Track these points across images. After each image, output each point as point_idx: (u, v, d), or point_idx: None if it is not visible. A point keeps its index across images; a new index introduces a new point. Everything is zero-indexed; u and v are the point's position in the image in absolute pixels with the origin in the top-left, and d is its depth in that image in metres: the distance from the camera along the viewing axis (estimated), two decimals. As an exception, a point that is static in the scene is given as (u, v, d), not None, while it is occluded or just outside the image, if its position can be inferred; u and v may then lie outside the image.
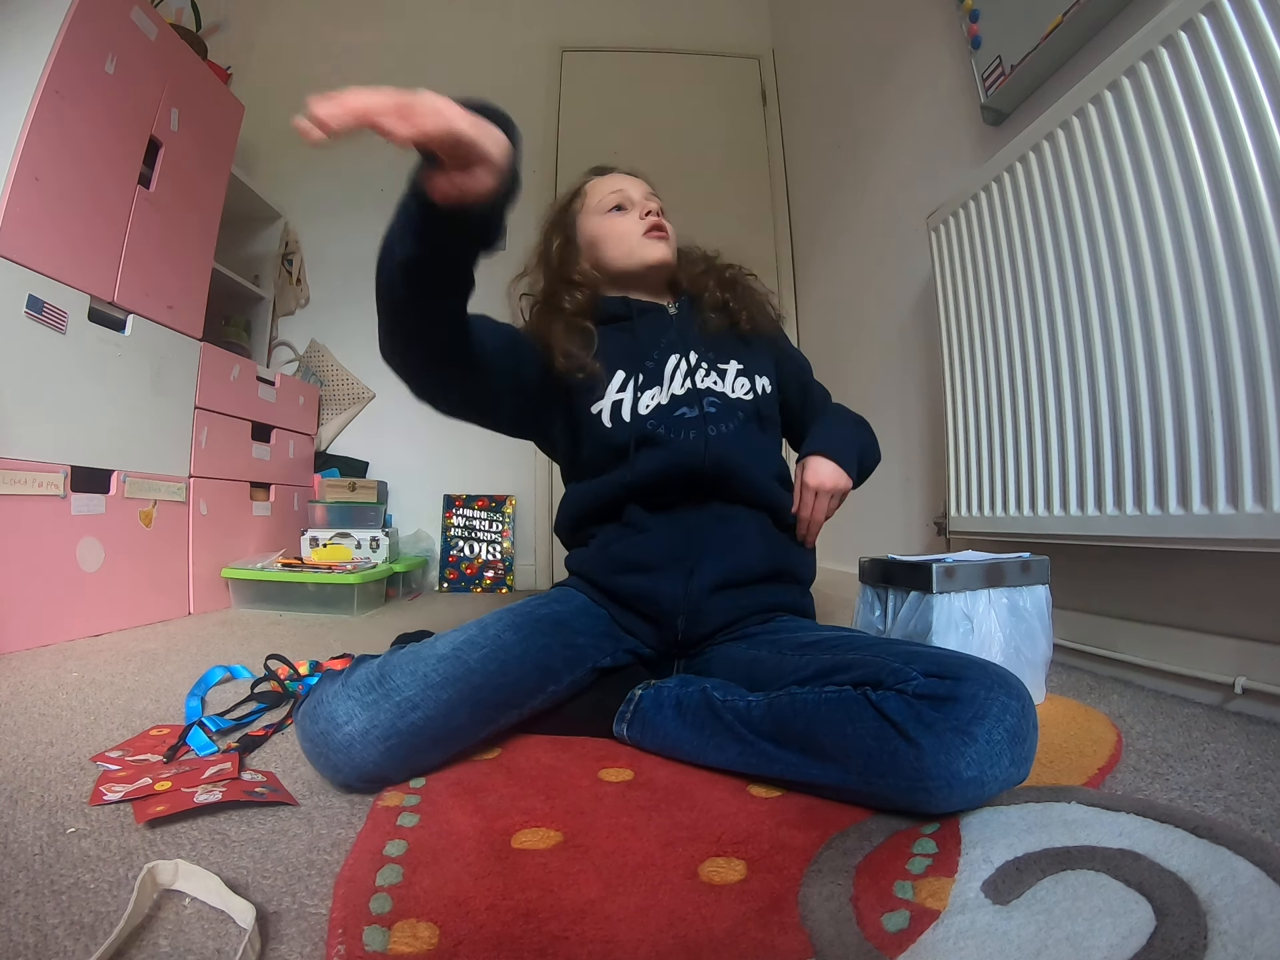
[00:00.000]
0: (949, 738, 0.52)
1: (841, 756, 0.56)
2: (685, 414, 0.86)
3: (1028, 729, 0.54)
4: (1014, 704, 0.53)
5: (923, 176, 1.62)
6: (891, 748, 0.53)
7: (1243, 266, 0.77)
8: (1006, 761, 0.52)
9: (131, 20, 1.49)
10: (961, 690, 0.54)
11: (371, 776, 0.61)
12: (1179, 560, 0.92)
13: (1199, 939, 0.37)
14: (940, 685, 0.55)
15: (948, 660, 0.58)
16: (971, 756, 0.51)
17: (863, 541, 1.83)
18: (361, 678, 0.66)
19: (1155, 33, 0.86)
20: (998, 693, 0.53)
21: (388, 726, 0.62)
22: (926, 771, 0.51)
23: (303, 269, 2.51)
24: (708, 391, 0.87)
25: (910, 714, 0.54)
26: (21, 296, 1.25)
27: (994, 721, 0.52)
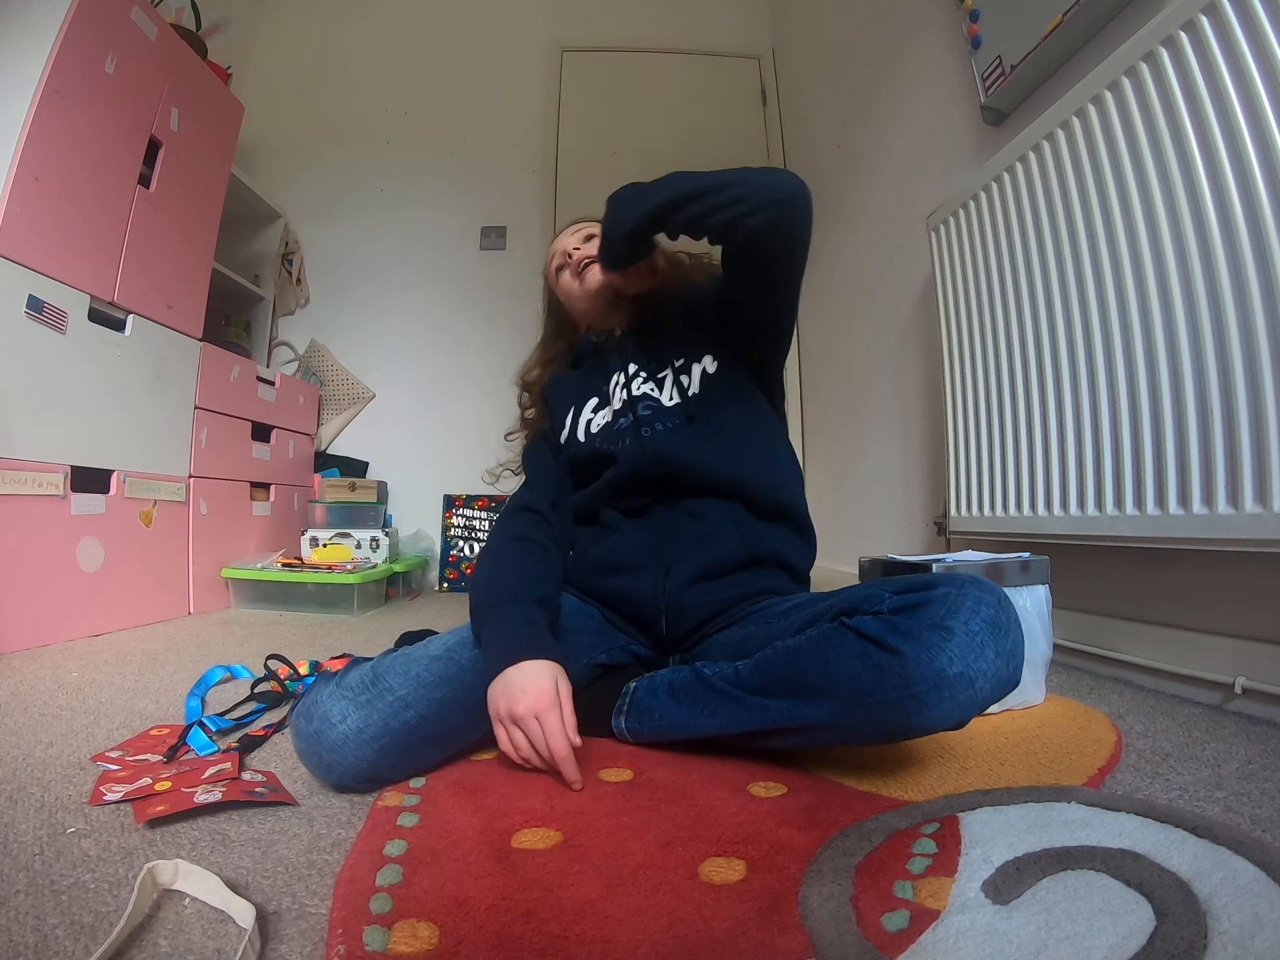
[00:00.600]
0: (927, 636, 0.52)
1: (830, 687, 0.57)
2: (622, 424, 0.90)
3: (1008, 621, 0.54)
4: (988, 596, 0.54)
5: (923, 176, 1.62)
6: (875, 662, 0.54)
7: (1243, 266, 0.77)
8: (991, 654, 0.52)
9: (131, 20, 1.49)
10: (933, 594, 0.55)
11: (366, 776, 0.62)
12: (1179, 560, 0.92)
13: (1199, 939, 0.37)
14: (913, 596, 0.56)
15: (918, 577, 0.60)
16: (954, 651, 0.51)
17: (863, 541, 1.83)
18: (355, 678, 0.66)
19: (1155, 33, 0.86)
20: (969, 589, 0.55)
21: (381, 726, 0.62)
22: (912, 675, 0.52)
23: (303, 269, 2.51)
24: (642, 397, 0.90)
25: (887, 627, 0.55)
26: (21, 296, 1.25)
27: (969, 613, 0.53)
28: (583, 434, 0.93)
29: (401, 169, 2.60)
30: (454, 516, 2.41)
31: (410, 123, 2.63)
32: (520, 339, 2.60)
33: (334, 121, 2.61)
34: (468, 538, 2.40)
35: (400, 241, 2.54)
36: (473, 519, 2.41)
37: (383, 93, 2.64)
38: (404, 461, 2.45)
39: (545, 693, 0.63)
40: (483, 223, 2.59)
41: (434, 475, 2.45)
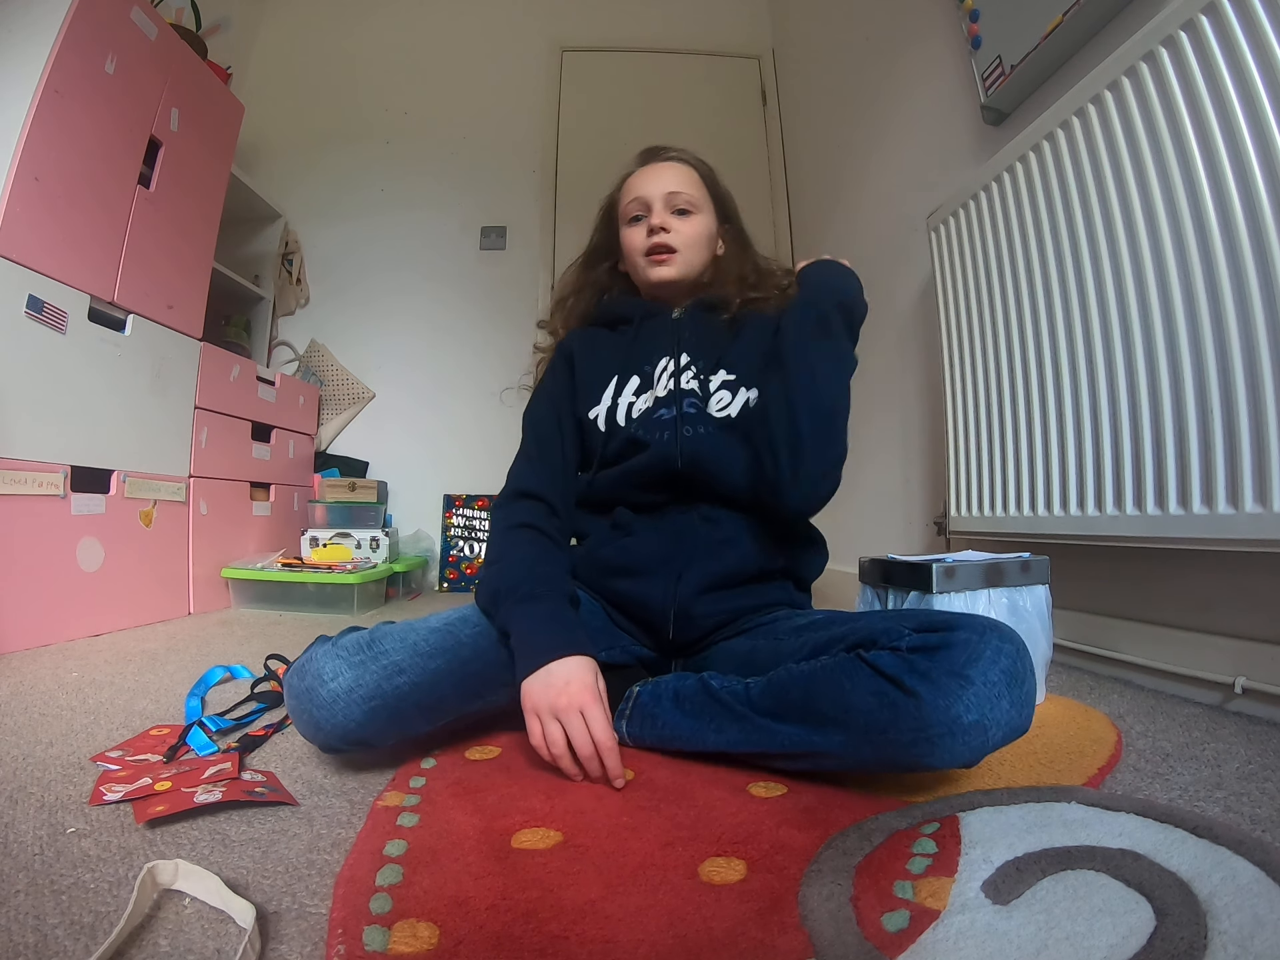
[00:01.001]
0: (945, 682, 0.52)
1: (842, 718, 0.57)
2: (663, 415, 0.84)
3: (1024, 670, 0.54)
4: (1007, 646, 0.54)
5: (923, 176, 1.62)
6: (890, 700, 0.54)
7: (1243, 266, 0.77)
8: (1006, 704, 0.52)
9: (131, 20, 1.48)
10: (954, 637, 0.55)
11: (354, 738, 0.62)
12: (1179, 560, 0.92)
13: (1199, 939, 0.37)
14: (932, 636, 0.55)
15: (938, 615, 0.59)
16: (970, 700, 0.51)
17: (863, 541, 1.83)
18: (351, 640, 0.67)
19: (1155, 33, 0.86)
20: (990, 636, 0.54)
21: (373, 687, 0.63)
22: (927, 719, 0.52)
23: (303, 269, 2.51)
24: (689, 393, 0.85)
25: (905, 666, 0.54)
26: (21, 296, 1.25)
27: (989, 663, 0.52)
28: (623, 417, 0.86)
29: (401, 169, 2.60)
30: (454, 516, 2.41)
31: (410, 123, 2.63)
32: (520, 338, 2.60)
33: (334, 121, 2.61)
34: (468, 538, 2.40)
35: (400, 241, 2.54)
36: (473, 519, 2.41)
37: (383, 93, 2.64)
38: (404, 461, 2.45)
39: (589, 687, 0.63)
40: (483, 223, 2.59)
41: (434, 475, 2.45)
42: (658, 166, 0.91)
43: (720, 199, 0.94)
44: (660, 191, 0.88)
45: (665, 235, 0.87)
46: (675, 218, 0.88)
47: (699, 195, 0.90)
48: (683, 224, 0.88)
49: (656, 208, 0.88)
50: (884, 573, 0.93)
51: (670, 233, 0.87)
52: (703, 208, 0.90)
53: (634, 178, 0.91)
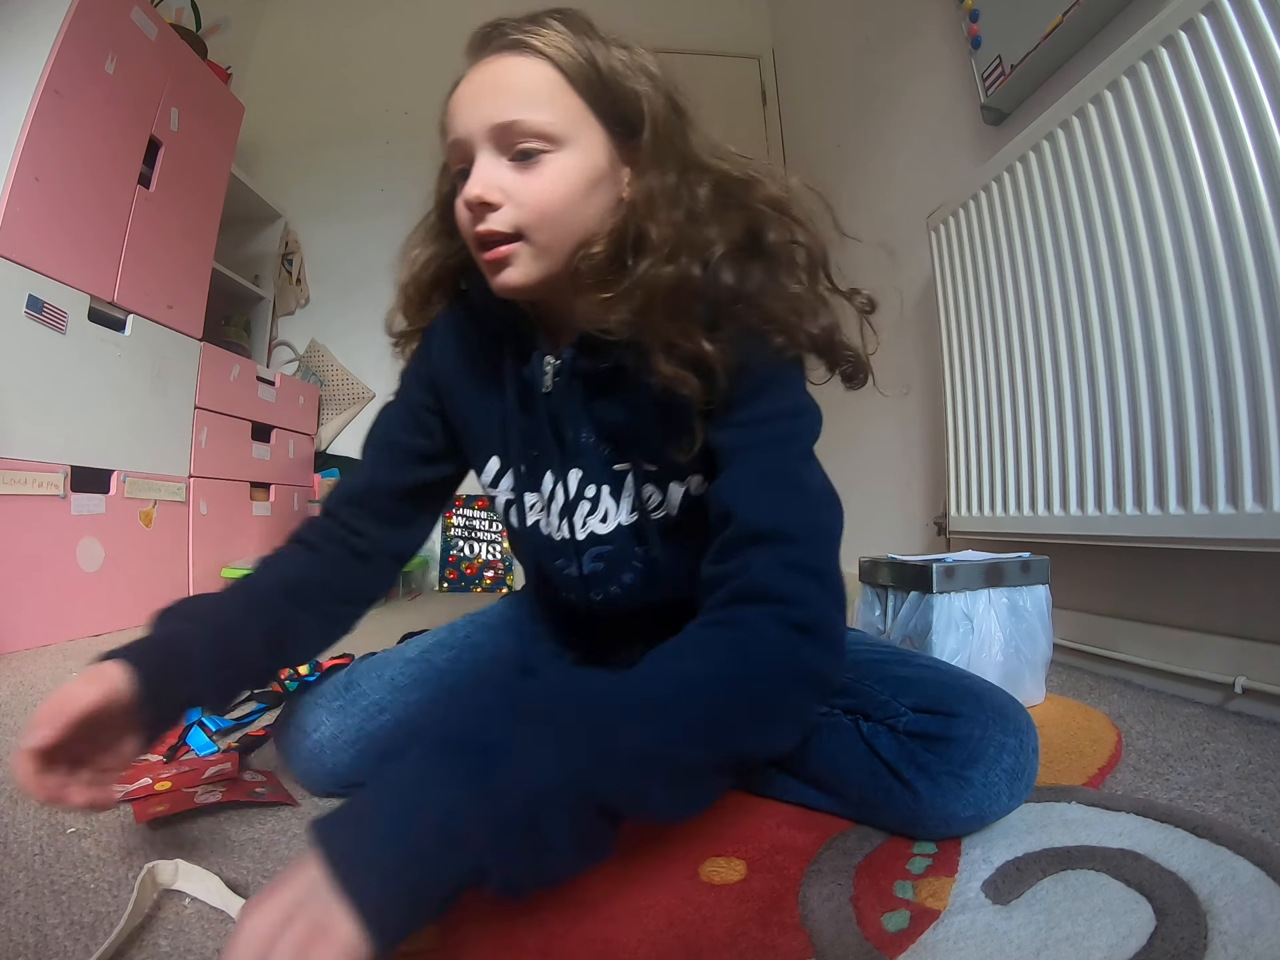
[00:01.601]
0: (944, 781, 0.49)
1: (837, 787, 0.55)
2: (563, 567, 0.64)
3: (1026, 762, 0.50)
4: (1011, 741, 0.50)
5: (923, 176, 1.62)
6: (885, 785, 0.51)
7: (1243, 266, 0.77)
8: (1005, 797, 0.50)
9: (131, 20, 1.48)
10: (955, 730, 0.50)
11: (346, 781, 0.61)
12: (1179, 560, 0.92)
13: (1199, 939, 0.37)
14: (932, 722, 0.51)
15: (938, 690, 0.53)
16: (969, 799, 0.49)
17: (863, 541, 1.83)
18: (329, 686, 0.65)
19: (1155, 33, 0.86)
20: (993, 731, 0.50)
21: (356, 730, 0.61)
22: (923, 811, 0.50)
23: (303, 269, 2.51)
24: (590, 541, 0.62)
25: (903, 754, 0.51)
26: (21, 296, 1.25)
27: (990, 763, 0.49)
28: (517, 519, 0.64)
29: (402, 169, 2.59)
30: (454, 516, 2.41)
31: (410, 123, 2.63)
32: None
33: (334, 121, 2.61)
34: (468, 538, 2.40)
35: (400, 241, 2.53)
36: (473, 519, 2.41)
37: (383, 93, 2.64)
38: (404, 461, 2.45)
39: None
40: (483, 223, 2.59)
41: (434, 475, 2.45)
42: (484, 70, 0.54)
43: (613, 100, 0.54)
44: (482, 125, 0.52)
45: (491, 216, 0.52)
46: (513, 170, 0.52)
47: (558, 115, 0.52)
48: (525, 180, 0.52)
49: (481, 157, 0.52)
50: (884, 573, 0.92)
51: (500, 206, 0.51)
52: (568, 136, 0.52)
53: (453, 98, 0.55)
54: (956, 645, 0.82)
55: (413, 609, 1.90)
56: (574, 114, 0.53)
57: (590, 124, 0.54)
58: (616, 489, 0.61)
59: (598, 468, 0.61)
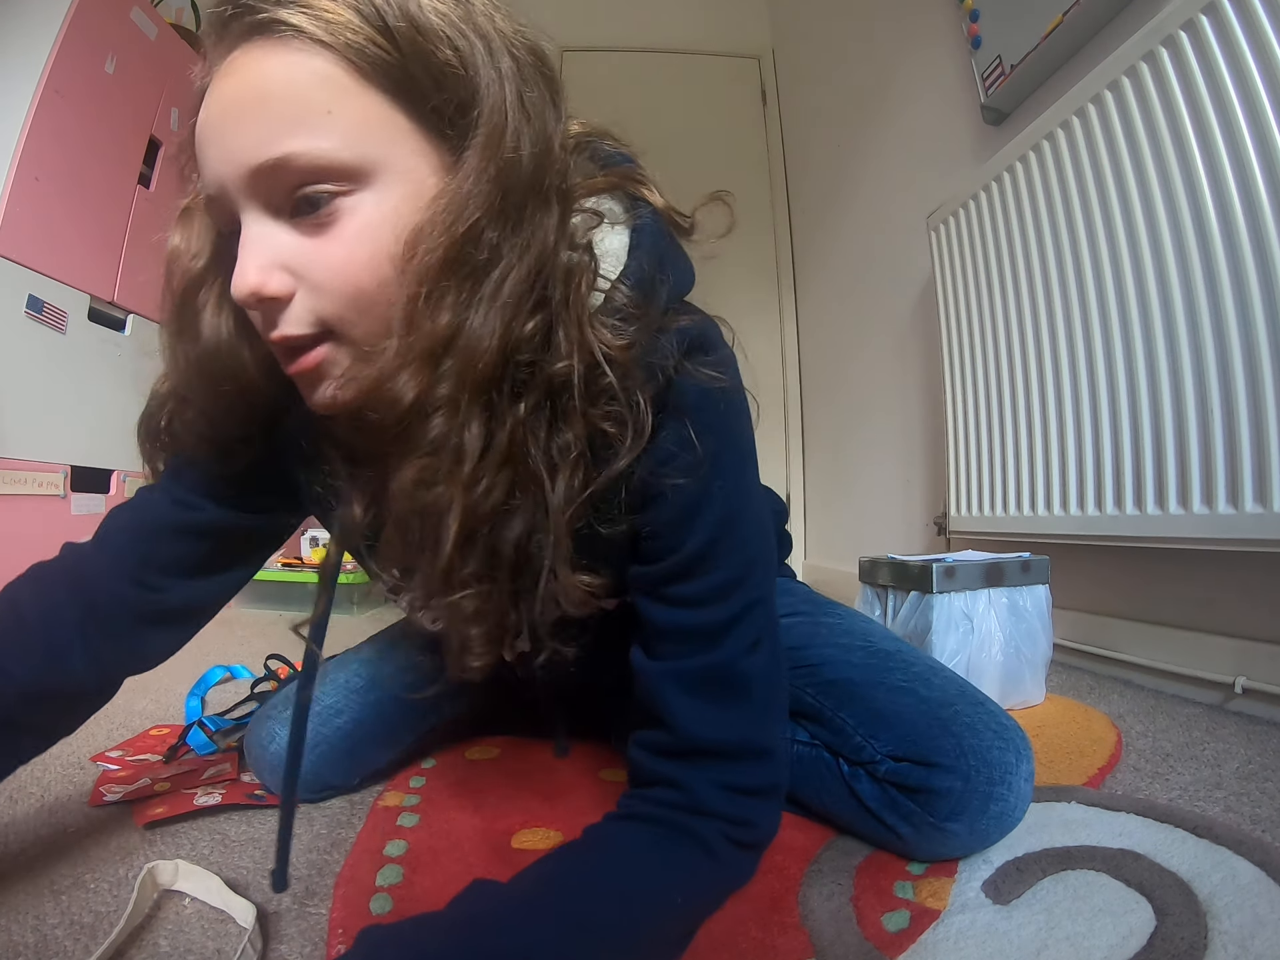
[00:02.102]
0: (928, 831, 0.47)
1: (824, 815, 0.54)
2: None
3: (1016, 803, 0.47)
4: (997, 790, 0.46)
5: (923, 176, 1.62)
6: (870, 826, 0.50)
7: (1243, 266, 0.77)
8: (994, 836, 0.48)
9: (131, 20, 1.49)
10: (935, 782, 0.46)
11: (314, 786, 0.61)
12: (1179, 560, 0.92)
13: (1199, 939, 0.37)
14: (911, 772, 0.47)
15: (915, 735, 0.48)
16: (955, 845, 0.48)
17: (863, 541, 1.83)
18: (281, 696, 0.65)
19: (1155, 33, 0.86)
20: (977, 782, 0.46)
21: (313, 735, 0.58)
22: (910, 851, 0.49)
23: (303, 269, 2.51)
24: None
25: (885, 800, 0.48)
26: (21, 296, 1.25)
27: (976, 814, 0.46)
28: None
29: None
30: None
31: (410, 123, 2.64)
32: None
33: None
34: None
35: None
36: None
37: (383, 93, 2.64)
38: (404, 461, 2.45)
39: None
40: (483, 223, 2.59)
41: (434, 475, 2.45)
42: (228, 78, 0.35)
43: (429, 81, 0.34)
44: (237, 172, 0.34)
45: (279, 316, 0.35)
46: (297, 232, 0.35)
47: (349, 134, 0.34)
48: (318, 245, 0.35)
49: (247, 221, 0.35)
50: (884, 573, 0.92)
51: (291, 297, 0.35)
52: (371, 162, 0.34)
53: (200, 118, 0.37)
54: (956, 645, 0.82)
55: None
56: (374, 124, 0.34)
57: (401, 130, 0.35)
58: None
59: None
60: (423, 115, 0.35)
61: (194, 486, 0.49)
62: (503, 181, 0.34)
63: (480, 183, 0.34)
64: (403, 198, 0.35)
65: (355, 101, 0.34)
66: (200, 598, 0.53)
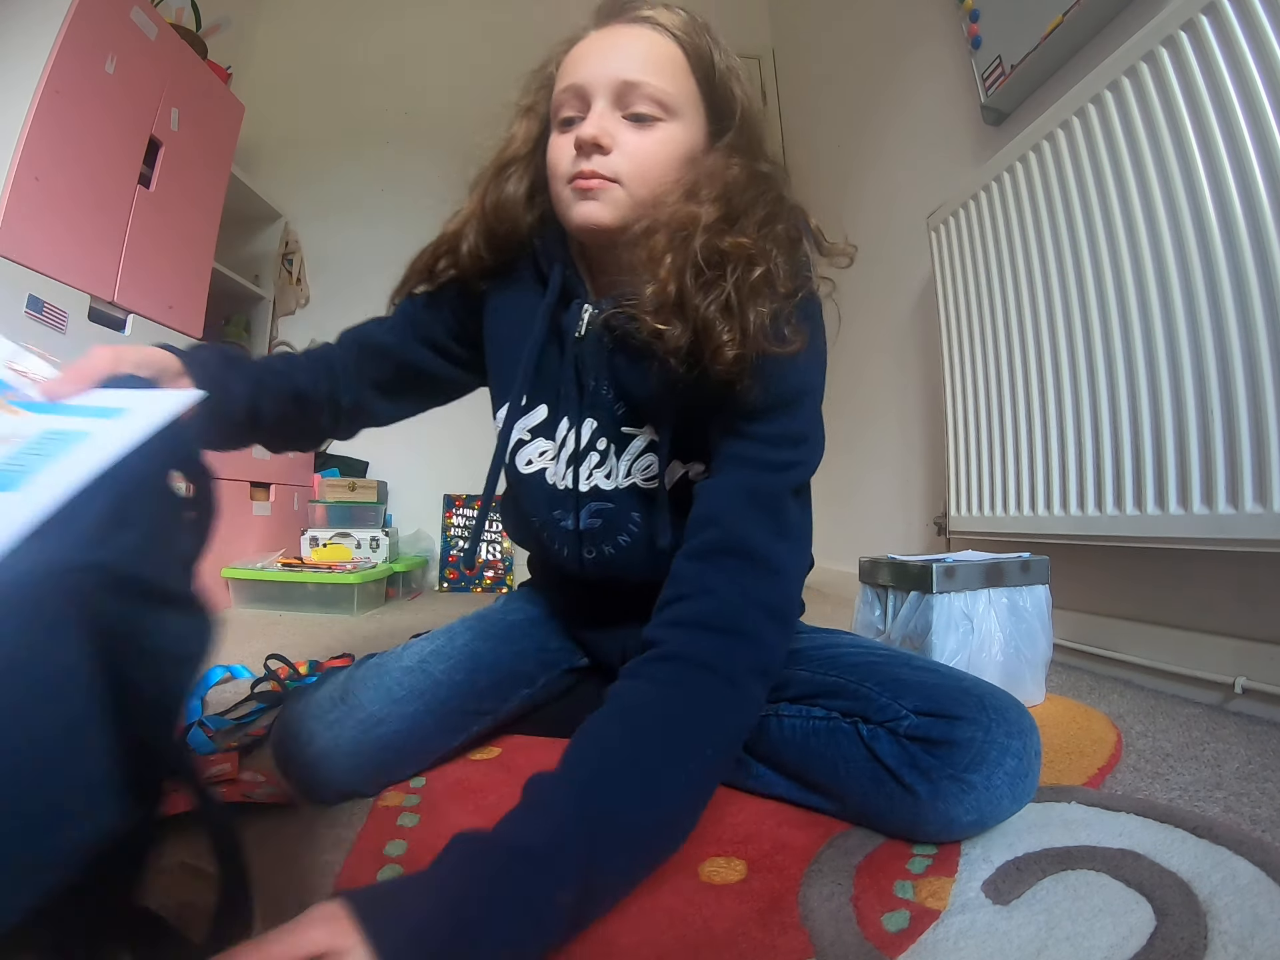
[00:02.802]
0: (945, 785, 0.49)
1: (837, 792, 0.55)
2: (559, 519, 0.66)
3: (1028, 766, 0.50)
4: (1014, 744, 0.49)
5: (923, 176, 1.62)
6: (887, 791, 0.51)
7: (1243, 266, 0.77)
8: (1007, 802, 0.50)
9: (131, 20, 1.48)
10: (957, 733, 0.49)
11: (344, 793, 0.61)
12: (1179, 560, 0.92)
13: (1199, 939, 0.37)
14: (934, 726, 0.50)
15: (939, 694, 0.52)
16: (970, 803, 0.49)
17: (863, 541, 1.83)
18: (325, 695, 0.64)
19: (1155, 33, 0.86)
20: (996, 733, 0.49)
21: (352, 743, 0.61)
22: (923, 815, 0.50)
23: (303, 269, 2.51)
24: (593, 494, 0.64)
25: (904, 758, 0.50)
26: (21, 296, 1.25)
27: (993, 766, 0.49)
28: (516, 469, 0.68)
29: (401, 169, 2.60)
30: (454, 516, 2.41)
31: (410, 123, 2.63)
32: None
33: (334, 121, 2.61)
34: (468, 538, 2.39)
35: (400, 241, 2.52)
36: (473, 519, 2.41)
37: (383, 93, 2.64)
38: (404, 461, 2.45)
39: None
40: (483, 223, 2.59)
41: (434, 475, 2.45)
42: (617, 32, 0.59)
43: (718, 93, 0.61)
44: (609, 78, 0.57)
45: (601, 156, 0.57)
46: (626, 125, 0.58)
47: (677, 90, 0.59)
48: (636, 137, 0.58)
49: (598, 105, 0.57)
50: (884, 573, 0.93)
51: (609, 152, 0.57)
52: (680, 110, 0.59)
53: (577, 49, 0.61)
54: (956, 645, 0.82)
55: (413, 609, 1.90)
56: (688, 93, 0.60)
57: (697, 106, 0.61)
58: (621, 450, 0.63)
59: (610, 423, 0.63)
60: (708, 104, 0.61)
61: (409, 326, 0.70)
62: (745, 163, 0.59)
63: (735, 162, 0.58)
64: (687, 138, 0.59)
65: (683, 75, 0.59)
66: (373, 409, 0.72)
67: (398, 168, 2.59)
